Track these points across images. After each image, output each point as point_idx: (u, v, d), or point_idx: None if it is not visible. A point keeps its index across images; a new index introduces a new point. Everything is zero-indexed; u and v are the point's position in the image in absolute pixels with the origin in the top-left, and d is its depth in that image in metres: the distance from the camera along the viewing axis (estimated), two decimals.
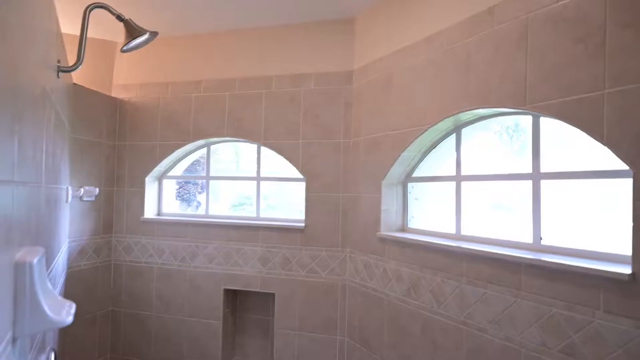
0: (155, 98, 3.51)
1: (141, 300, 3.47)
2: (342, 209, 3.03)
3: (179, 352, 3.36)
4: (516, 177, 2.00)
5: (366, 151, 2.82)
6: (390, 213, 2.68)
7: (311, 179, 3.10)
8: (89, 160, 3.29)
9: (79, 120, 3.18)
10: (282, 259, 3.14)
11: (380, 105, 2.70)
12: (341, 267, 3.01)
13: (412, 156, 2.55)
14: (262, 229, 3.20)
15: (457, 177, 2.32)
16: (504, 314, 1.83)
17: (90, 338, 3.31)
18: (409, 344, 2.38)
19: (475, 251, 1.96)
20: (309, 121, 3.11)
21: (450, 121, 2.27)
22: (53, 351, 1.94)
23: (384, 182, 2.66)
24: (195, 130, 3.39)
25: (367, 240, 2.77)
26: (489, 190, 2.23)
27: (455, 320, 2.08)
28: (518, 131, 2.18)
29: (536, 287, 1.69)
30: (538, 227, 1.87)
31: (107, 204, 3.49)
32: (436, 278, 2.20)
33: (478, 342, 1.95)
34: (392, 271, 2.53)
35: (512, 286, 1.79)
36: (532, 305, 1.71)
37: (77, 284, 3.17)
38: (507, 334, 1.81)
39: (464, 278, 2.03)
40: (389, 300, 2.56)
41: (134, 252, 3.50)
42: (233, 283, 3.26)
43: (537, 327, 1.68)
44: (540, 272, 1.68)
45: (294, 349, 3.09)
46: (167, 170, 3.65)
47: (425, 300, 2.28)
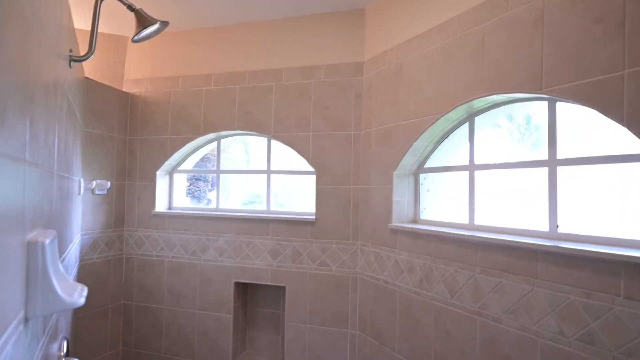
0: (166, 92, 3.52)
1: (152, 294, 3.48)
2: (352, 201, 3.00)
3: (190, 346, 3.37)
4: (532, 165, 1.96)
5: (377, 142, 2.79)
6: (401, 204, 2.66)
7: (321, 172, 3.08)
8: (101, 154, 3.31)
9: (91, 115, 3.20)
10: (293, 252, 3.13)
11: (391, 96, 2.68)
12: (352, 259, 2.99)
13: (424, 146, 2.52)
14: (272, 222, 3.19)
15: (470, 167, 2.29)
16: (519, 303, 1.79)
17: (102, 331, 3.33)
18: (421, 335, 2.35)
19: (489, 240, 1.92)
20: (319, 113, 3.09)
21: (463, 109, 2.23)
22: (65, 339, 1.94)
23: (396, 173, 2.63)
24: (206, 124, 3.39)
25: (379, 232, 2.75)
26: (503, 179, 2.19)
27: (469, 311, 2.05)
28: (530, 129, 2.15)
29: (553, 274, 1.66)
30: (554, 215, 1.83)
31: (119, 197, 3.51)
32: (449, 268, 2.17)
33: (492, 332, 1.91)
34: (404, 262, 2.50)
35: (528, 274, 1.76)
36: (549, 293, 1.67)
37: (89, 277, 3.18)
38: (522, 323, 1.77)
39: (478, 268, 2.00)
40: (401, 292, 2.53)
41: (145, 245, 3.51)
42: (243, 276, 3.25)
43: (553, 315, 1.65)
44: (557, 259, 1.64)
45: (304, 342, 3.07)
46: (178, 165, 3.65)
47: (438, 291, 2.24)
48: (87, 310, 3.14)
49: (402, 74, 2.58)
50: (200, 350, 3.34)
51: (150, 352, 3.47)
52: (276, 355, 3.38)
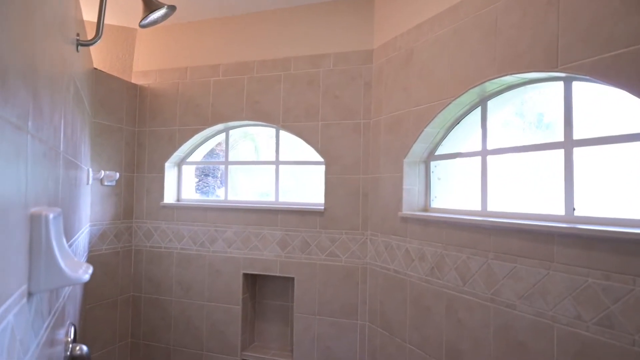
0: (174, 83, 3.51)
1: (161, 286, 3.47)
2: (362, 190, 2.96)
3: (199, 338, 3.35)
4: (547, 147, 1.91)
5: (387, 130, 2.75)
6: (412, 193, 2.61)
7: (330, 161, 3.04)
8: (110, 145, 3.31)
9: (100, 106, 3.20)
10: (302, 242, 3.09)
11: (401, 82, 2.63)
12: (362, 250, 2.95)
13: (435, 132, 2.47)
14: (281, 212, 3.16)
15: (482, 152, 2.24)
16: (534, 288, 1.74)
17: (111, 323, 3.33)
18: (432, 324, 2.31)
19: (503, 224, 1.87)
20: (328, 102, 3.06)
21: (475, 93, 2.18)
22: (73, 326, 1.93)
23: (406, 161, 2.59)
24: (214, 115, 3.38)
25: (389, 221, 2.70)
26: (516, 164, 2.14)
27: (481, 298, 2.00)
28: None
29: (570, 257, 1.60)
30: (571, 198, 1.78)
31: (128, 189, 3.50)
32: (461, 255, 2.12)
33: (506, 318, 1.86)
34: (415, 251, 2.46)
35: (544, 258, 1.70)
36: (566, 277, 1.61)
37: (98, 268, 3.18)
38: (538, 308, 1.72)
39: (492, 253, 1.95)
40: (411, 281, 2.48)
41: (154, 237, 3.51)
42: (252, 267, 3.23)
43: (571, 299, 1.59)
44: (575, 241, 1.59)
45: (313, 333, 3.04)
46: (187, 156, 3.64)
47: (450, 279, 2.20)
48: (96, 301, 3.14)
49: (412, 59, 2.54)
50: (209, 342, 3.32)
51: (159, 344, 3.46)
52: (285, 347, 3.35)
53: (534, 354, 1.73)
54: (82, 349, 1.88)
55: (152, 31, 3.59)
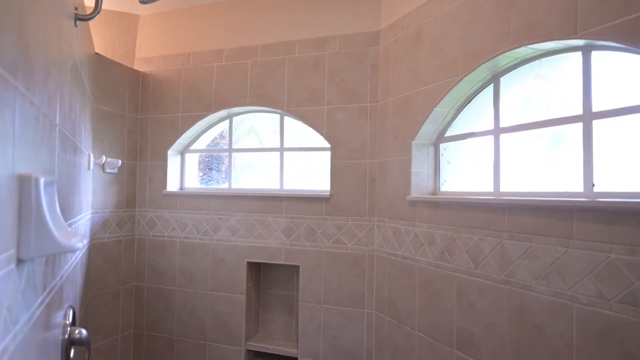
0: (177, 69, 3.44)
1: (164, 275, 3.41)
2: (369, 176, 2.89)
3: (202, 328, 3.29)
4: (564, 122, 1.82)
5: (395, 112, 2.67)
6: (421, 176, 2.53)
7: (336, 146, 2.97)
8: (112, 132, 3.25)
9: (102, 92, 3.14)
10: (307, 229, 3.02)
11: (409, 62, 2.55)
12: (368, 236, 2.87)
13: (444, 112, 2.39)
14: (286, 199, 3.09)
15: (495, 130, 2.15)
16: (552, 268, 1.66)
17: (113, 312, 3.27)
18: (443, 310, 2.23)
19: (519, 201, 1.79)
20: (333, 86, 2.98)
21: (487, 68, 2.10)
22: (72, 309, 1.87)
23: (415, 143, 2.51)
24: (218, 100, 3.31)
25: (397, 205, 2.63)
26: (531, 142, 2.05)
27: (495, 280, 1.92)
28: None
29: (591, 233, 1.52)
30: (590, 173, 1.69)
31: (130, 177, 3.45)
32: (473, 237, 2.04)
33: (521, 300, 1.78)
34: (424, 235, 2.38)
35: (562, 235, 1.62)
36: (586, 253, 1.53)
37: (101, 256, 3.13)
38: (555, 288, 1.64)
39: (506, 233, 1.87)
40: (420, 266, 2.41)
41: (157, 226, 3.45)
42: (256, 256, 3.16)
43: (591, 277, 1.51)
44: (596, 215, 1.51)
45: (319, 323, 2.97)
46: (190, 144, 3.58)
47: (461, 262, 2.12)
48: (98, 291, 3.08)
49: (421, 37, 2.46)
50: (213, 332, 3.26)
51: (162, 334, 3.40)
52: (290, 337, 3.28)
53: (551, 337, 1.65)
54: (82, 332, 1.81)
55: (155, 17, 3.53)
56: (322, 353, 2.95)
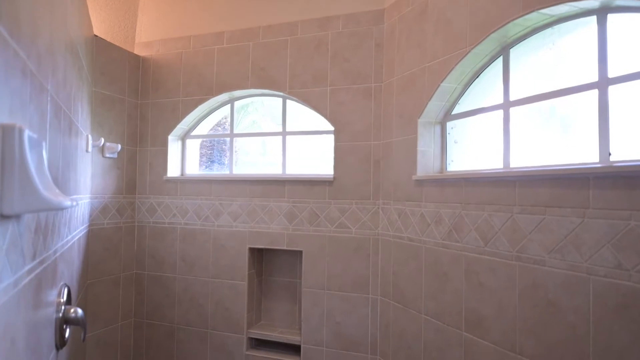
0: (178, 53, 3.38)
1: (165, 262, 3.35)
2: (373, 158, 2.81)
3: (203, 315, 3.22)
4: (578, 90, 1.74)
5: (400, 91, 2.60)
6: (427, 155, 2.45)
7: (340, 128, 2.90)
8: (111, 117, 3.19)
9: (101, 75, 3.08)
10: (310, 214, 2.95)
11: (415, 39, 2.48)
12: (373, 220, 2.80)
13: (452, 88, 2.31)
14: (288, 183, 3.02)
15: (504, 104, 2.07)
16: (566, 240, 1.58)
17: (113, 300, 3.21)
18: (450, 292, 2.15)
19: (531, 172, 1.71)
20: (337, 66, 2.91)
21: (496, 40, 2.02)
22: (66, 287, 1.81)
23: (421, 121, 2.43)
24: (219, 84, 3.25)
25: (402, 187, 2.55)
26: (542, 115, 1.97)
27: (505, 257, 1.84)
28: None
29: (609, 200, 1.44)
30: (606, 142, 1.61)
31: (130, 163, 3.39)
32: (482, 213, 1.97)
33: (534, 276, 1.70)
34: (431, 215, 2.30)
35: (578, 205, 1.54)
36: (603, 222, 1.45)
37: (100, 243, 3.07)
38: (570, 261, 1.56)
39: (517, 207, 1.79)
40: (426, 247, 2.33)
41: (157, 212, 3.38)
42: (258, 241, 3.09)
43: (609, 247, 1.43)
44: (614, 181, 1.43)
45: (322, 309, 2.89)
46: (191, 130, 3.52)
47: (469, 240, 2.04)
48: (97, 277, 3.02)
49: (427, 12, 2.38)
50: (214, 319, 3.19)
51: (163, 322, 3.34)
52: (293, 325, 3.21)
53: (566, 313, 1.57)
54: (77, 311, 1.75)
55: (155, 0, 3.47)
56: (325, 340, 2.88)
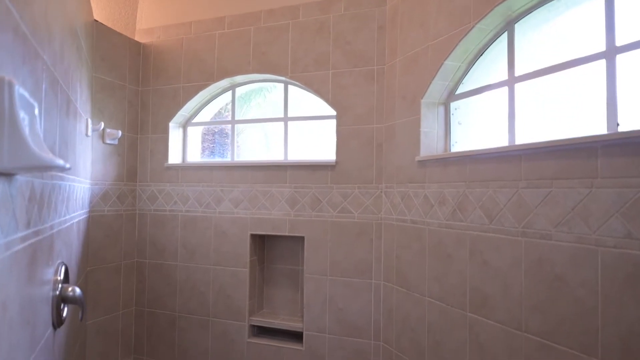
0: (179, 39, 3.36)
1: (166, 250, 3.32)
2: (376, 141, 2.78)
3: (205, 303, 3.20)
4: (585, 61, 1.70)
5: (403, 72, 2.56)
6: (430, 136, 2.42)
7: (342, 112, 2.86)
8: (112, 103, 3.17)
9: (101, 60, 3.06)
10: (312, 199, 2.92)
11: (418, 18, 2.44)
12: (376, 204, 2.76)
13: (455, 66, 2.27)
14: (290, 168, 2.98)
15: (509, 81, 2.03)
16: (574, 212, 1.54)
17: (114, 288, 3.19)
18: (455, 272, 2.11)
19: (537, 145, 1.67)
20: (339, 49, 2.87)
21: (500, 14, 1.98)
22: (64, 265, 1.78)
23: (424, 102, 2.40)
24: (220, 69, 3.22)
25: (405, 169, 2.51)
26: (547, 89, 1.93)
27: (511, 234, 1.80)
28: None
29: (617, 168, 1.40)
30: (614, 113, 1.57)
31: (131, 151, 3.36)
32: (487, 190, 1.93)
33: (540, 251, 1.66)
34: (434, 196, 2.26)
35: (586, 176, 1.50)
36: (612, 192, 1.41)
37: (101, 229, 3.05)
38: (578, 233, 1.52)
39: (523, 182, 1.75)
40: (430, 229, 2.29)
41: (158, 200, 3.36)
42: (260, 228, 3.06)
43: (618, 216, 1.39)
44: (623, 149, 1.39)
45: (324, 295, 2.86)
46: (192, 117, 3.49)
47: (474, 219, 2.00)
48: (97, 264, 3.00)
49: None
50: (216, 307, 3.16)
51: (164, 311, 3.31)
52: (295, 313, 3.18)
53: (574, 287, 1.53)
54: (75, 290, 1.73)
55: None
56: (328, 326, 2.84)
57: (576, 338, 1.52)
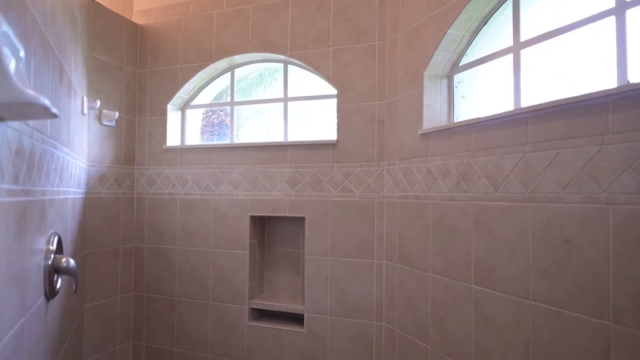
0: (176, 20, 3.31)
1: (164, 234, 3.27)
2: (377, 118, 2.72)
3: (204, 287, 3.14)
4: (593, 19, 1.64)
5: (405, 46, 2.51)
6: (433, 109, 2.36)
7: (343, 90, 2.81)
8: (109, 84, 3.12)
9: (98, 40, 3.01)
10: (312, 179, 2.86)
11: None
12: (378, 182, 2.71)
13: (459, 36, 2.22)
14: (290, 147, 2.93)
15: (514, 47, 1.98)
16: (583, 171, 1.48)
17: (111, 272, 3.14)
18: (459, 244, 2.06)
19: (544, 106, 1.62)
20: (339, 25, 2.82)
21: None
22: (57, 236, 1.73)
23: (426, 74, 2.34)
24: (218, 49, 3.17)
25: (407, 144, 2.46)
26: (553, 53, 1.87)
27: (517, 200, 1.74)
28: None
29: (629, 122, 1.35)
30: (624, 69, 1.52)
31: (129, 133, 3.31)
32: (492, 157, 1.87)
33: (548, 215, 1.61)
34: (438, 168, 2.21)
35: (596, 132, 1.45)
36: (624, 147, 1.36)
37: (98, 212, 3.00)
38: (588, 193, 1.46)
39: (529, 145, 1.70)
40: (433, 203, 2.24)
41: (157, 183, 3.31)
42: (260, 209, 3.01)
43: (630, 172, 1.33)
44: (635, 101, 1.33)
45: (325, 276, 2.81)
46: (190, 99, 3.44)
47: (478, 189, 1.95)
48: (95, 247, 2.95)
49: None
50: (215, 290, 3.11)
51: (163, 296, 3.26)
52: (296, 297, 3.12)
53: (583, 249, 1.48)
54: (69, 261, 1.68)
55: None
56: (329, 307, 2.79)
57: (586, 302, 1.46)
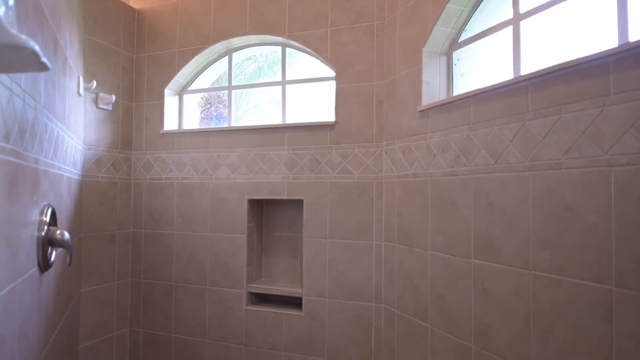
0: (174, 3, 3.28)
1: (162, 219, 3.25)
2: (376, 98, 2.70)
3: (202, 271, 3.12)
4: None
5: (404, 24, 2.48)
6: (432, 86, 2.34)
7: (341, 70, 2.78)
8: (106, 67, 3.09)
9: (94, 23, 2.98)
10: (311, 161, 2.84)
11: None
12: (376, 163, 2.68)
13: (458, 10, 2.20)
14: (288, 129, 2.91)
15: (514, 19, 1.96)
16: (584, 135, 1.46)
17: (108, 257, 3.11)
18: (458, 220, 2.03)
19: (544, 71, 1.60)
20: (338, 5, 2.80)
21: None
22: (50, 207, 1.71)
23: (425, 50, 2.32)
24: (216, 31, 3.14)
25: (406, 122, 2.44)
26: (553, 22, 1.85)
27: (517, 169, 1.72)
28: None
29: (631, 81, 1.32)
30: (625, 30, 1.49)
31: (126, 118, 3.29)
32: (492, 129, 1.85)
33: (549, 182, 1.58)
34: (437, 144, 2.19)
35: (597, 95, 1.42)
36: (626, 107, 1.34)
37: (95, 196, 2.97)
38: (590, 157, 1.44)
39: (529, 113, 1.67)
40: (432, 180, 2.21)
41: (154, 168, 3.28)
42: (258, 192, 2.98)
43: (632, 131, 1.31)
44: (636, 60, 1.31)
45: (324, 258, 2.78)
46: (188, 84, 3.42)
47: (478, 161, 1.92)
48: (91, 231, 2.92)
49: None
50: (213, 275, 3.09)
51: (160, 281, 3.24)
52: (295, 281, 3.10)
53: (585, 214, 1.45)
54: (63, 234, 1.65)
55: None
56: (328, 290, 2.77)
57: (588, 267, 1.44)
